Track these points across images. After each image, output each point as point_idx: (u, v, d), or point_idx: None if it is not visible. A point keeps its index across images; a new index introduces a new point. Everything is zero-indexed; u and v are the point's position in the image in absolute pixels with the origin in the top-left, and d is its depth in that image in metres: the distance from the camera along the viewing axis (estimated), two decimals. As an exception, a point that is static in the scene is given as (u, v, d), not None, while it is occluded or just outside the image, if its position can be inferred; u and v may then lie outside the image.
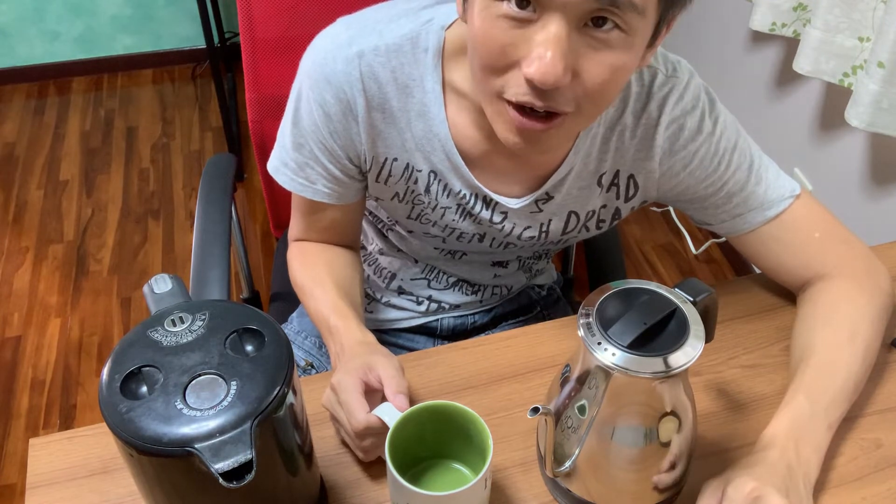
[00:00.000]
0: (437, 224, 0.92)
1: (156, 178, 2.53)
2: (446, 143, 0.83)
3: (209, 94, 2.89)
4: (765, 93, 2.01)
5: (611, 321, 0.63)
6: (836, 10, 1.54)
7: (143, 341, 0.59)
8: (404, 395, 0.73)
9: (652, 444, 0.67)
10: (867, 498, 0.76)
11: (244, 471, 0.53)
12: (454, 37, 0.79)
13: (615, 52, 0.65)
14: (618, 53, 0.65)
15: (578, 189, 0.87)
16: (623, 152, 0.85)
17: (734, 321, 0.94)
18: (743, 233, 0.88)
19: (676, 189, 0.87)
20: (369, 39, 0.80)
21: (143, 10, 2.86)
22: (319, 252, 0.96)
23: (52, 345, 2.01)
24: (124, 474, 0.77)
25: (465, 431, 0.71)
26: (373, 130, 0.83)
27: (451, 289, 1.07)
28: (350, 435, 0.76)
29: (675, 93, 0.81)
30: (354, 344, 0.82)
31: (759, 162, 0.86)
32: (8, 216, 2.38)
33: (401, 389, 0.74)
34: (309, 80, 0.82)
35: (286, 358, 0.59)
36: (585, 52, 0.64)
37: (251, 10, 1.12)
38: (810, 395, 0.77)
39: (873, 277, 0.87)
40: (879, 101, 1.42)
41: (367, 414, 0.72)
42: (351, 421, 0.73)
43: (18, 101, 2.85)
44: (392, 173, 0.87)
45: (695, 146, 0.83)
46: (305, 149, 0.86)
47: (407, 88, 0.81)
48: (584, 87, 0.66)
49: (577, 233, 0.93)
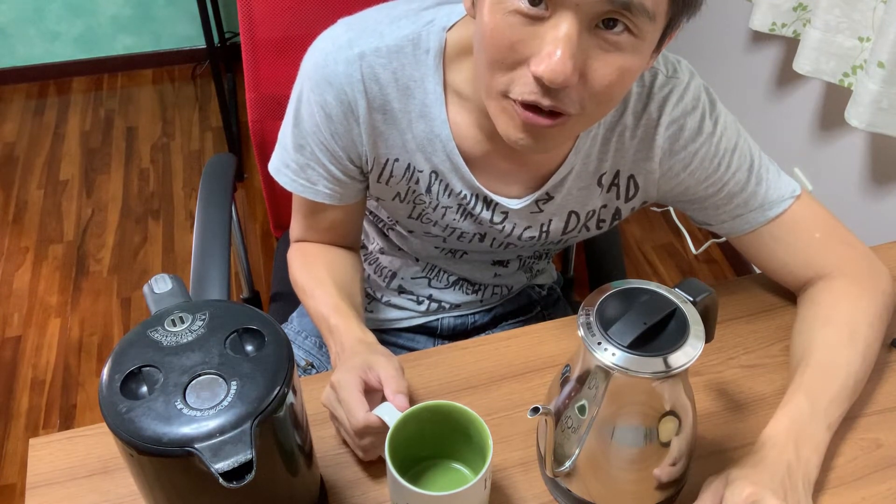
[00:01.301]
0: (438, 224, 0.92)
1: (156, 178, 2.53)
2: (447, 144, 0.83)
3: (209, 94, 2.89)
4: (765, 93, 2.01)
5: (611, 321, 0.63)
6: (836, 10, 1.54)
7: (143, 341, 0.59)
8: (404, 395, 0.73)
9: (652, 444, 0.67)
10: (867, 498, 0.76)
11: (244, 471, 0.53)
12: (455, 38, 0.79)
13: (624, 55, 0.65)
14: (626, 56, 0.65)
15: (578, 189, 0.87)
16: (623, 153, 0.85)
17: (734, 321, 0.94)
18: (743, 233, 0.88)
19: (676, 190, 0.87)
20: (370, 41, 0.80)
21: (143, 10, 2.86)
22: (320, 253, 0.96)
23: (52, 345, 2.01)
24: (124, 474, 0.77)
25: (465, 431, 0.71)
26: (374, 131, 0.83)
27: (452, 288, 1.07)
28: (349, 433, 0.76)
29: (676, 93, 0.81)
30: (355, 343, 0.82)
31: (759, 162, 0.86)
32: (8, 216, 2.38)
33: (400, 389, 0.74)
34: (310, 82, 0.82)
35: (286, 358, 0.59)
36: (595, 53, 0.64)
37: (251, 10, 1.12)
38: (810, 395, 0.77)
39: (874, 278, 0.87)
40: (879, 101, 1.42)
41: (367, 413, 0.72)
42: (350, 419, 0.73)
43: (18, 101, 2.85)
44: (393, 174, 0.87)
45: (695, 147, 0.83)
46: (306, 150, 0.86)
47: (408, 90, 0.81)
48: (591, 89, 0.66)
49: (578, 233, 0.93)
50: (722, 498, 0.69)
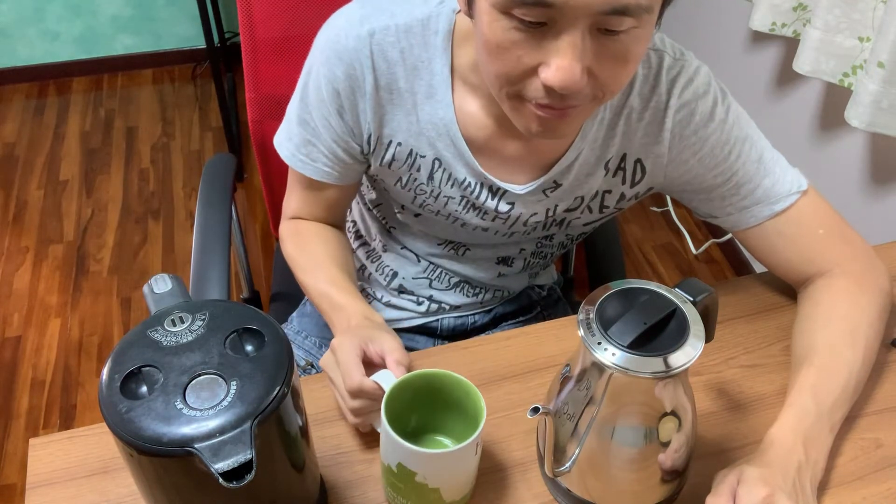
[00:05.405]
0: (441, 213, 0.93)
1: (156, 178, 2.53)
2: (451, 128, 0.83)
3: (209, 94, 2.89)
4: (765, 93, 2.01)
5: (611, 321, 0.63)
6: (836, 10, 1.54)
7: (143, 341, 0.59)
8: (405, 367, 0.75)
9: (652, 444, 0.67)
10: (867, 498, 0.76)
11: (244, 471, 0.53)
12: (465, 20, 0.80)
13: (628, 45, 0.65)
14: (630, 47, 0.65)
15: (586, 175, 0.87)
16: (630, 135, 0.85)
17: (734, 321, 0.94)
18: (748, 227, 0.88)
19: (685, 177, 0.87)
20: (381, 19, 0.81)
21: (143, 10, 2.86)
22: (316, 231, 0.98)
23: (52, 345, 2.01)
24: (124, 474, 0.77)
25: (458, 402, 0.72)
26: (380, 109, 0.84)
27: (453, 289, 1.07)
28: (342, 395, 0.77)
29: (685, 75, 0.81)
30: (361, 318, 0.84)
31: (768, 155, 0.86)
32: (8, 216, 2.38)
33: (402, 362, 0.75)
34: (321, 56, 0.83)
35: (286, 358, 0.59)
36: (600, 50, 0.65)
37: (251, 10, 1.12)
38: (815, 396, 0.77)
39: (874, 277, 0.87)
40: (879, 101, 1.42)
41: (363, 376, 0.74)
42: (345, 380, 0.75)
43: (18, 101, 2.85)
44: (396, 158, 0.88)
45: (706, 133, 0.83)
46: (310, 126, 0.87)
47: (415, 70, 0.82)
48: (602, 82, 0.67)
49: (580, 213, 0.93)
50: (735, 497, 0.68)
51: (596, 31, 0.63)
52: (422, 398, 0.73)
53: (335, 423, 0.82)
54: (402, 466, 0.68)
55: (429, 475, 0.68)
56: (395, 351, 0.76)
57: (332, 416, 0.82)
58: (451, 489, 0.71)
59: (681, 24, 2.30)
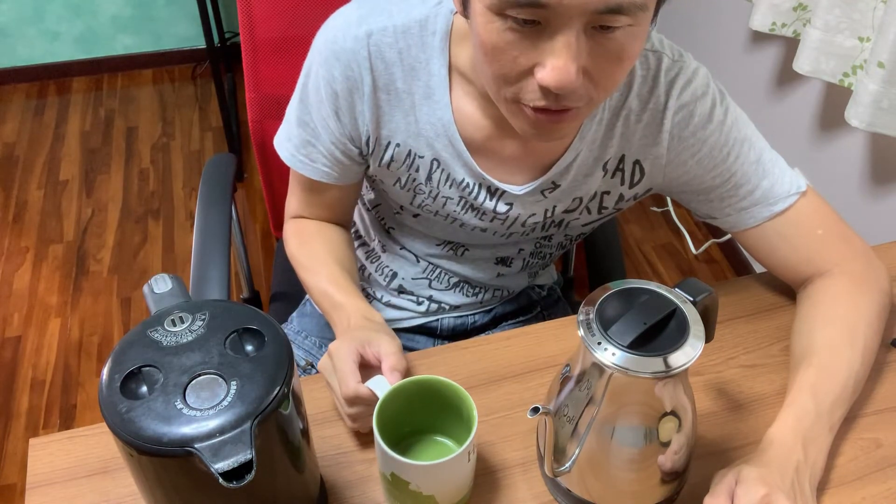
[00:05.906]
0: (439, 213, 0.93)
1: (156, 178, 2.53)
2: (449, 128, 0.83)
3: (209, 94, 2.89)
4: (765, 93, 2.01)
5: (611, 321, 0.63)
6: (836, 10, 1.54)
7: (143, 341, 0.59)
8: (400, 373, 0.75)
9: (652, 444, 0.67)
10: (867, 498, 0.76)
11: (244, 471, 0.53)
12: (462, 20, 0.80)
13: (624, 44, 0.65)
14: (626, 45, 0.66)
15: (584, 176, 0.87)
16: (629, 136, 0.85)
17: (734, 321, 0.94)
18: (747, 228, 0.88)
19: (683, 178, 0.87)
20: (379, 20, 0.81)
21: (143, 10, 2.86)
22: (318, 230, 0.98)
23: (52, 345, 2.01)
24: (124, 474, 0.77)
25: (452, 406, 0.72)
26: (378, 110, 0.84)
27: (453, 290, 1.07)
28: (340, 401, 0.77)
29: (683, 77, 0.81)
30: (360, 319, 0.84)
31: (767, 156, 0.86)
32: (8, 216, 2.38)
33: (398, 367, 0.76)
34: (319, 57, 0.84)
35: (286, 358, 0.59)
36: (596, 50, 0.65)
37: (251, 10, 1.12)
38: (815, 396, 0.77)
39: (873, 277, 0.87)
40: (879, 101, 1.42)
41: (358, 383, 0.74)
42: (341, 387, 0.75)
43: (18, 101, 2.85)
44: (394, 158, 0.88)
45: (705, 134, 0.83)
46: (309, 126, 0.87)
47: (413, 70, 0.82)
48: (597, 83, 0.67)
49: (579, 214, 0.93)
50: (734, 497, 0.68)
51: (591, 30, 0.63)
52: (418, 402, 0.73)
53: (335, 423, 0.82)
54: (396, 476, 0.69)
55: (422, 484, 0.69)
56: (391, 356, 0.76)
57: (332, 416, 0.83)
58: (447, 495, 0.71)
59: (680, 24, 2.30)
